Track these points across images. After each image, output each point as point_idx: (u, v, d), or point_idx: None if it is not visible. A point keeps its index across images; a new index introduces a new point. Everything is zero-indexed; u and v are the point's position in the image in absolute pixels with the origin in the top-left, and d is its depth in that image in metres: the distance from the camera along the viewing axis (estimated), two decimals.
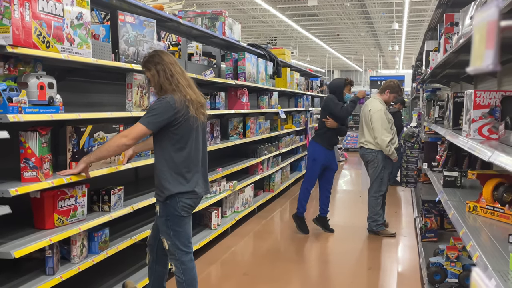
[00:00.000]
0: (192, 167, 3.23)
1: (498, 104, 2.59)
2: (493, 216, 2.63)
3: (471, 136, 2.68)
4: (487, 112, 2.63)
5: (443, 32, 4.05)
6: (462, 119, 3.37)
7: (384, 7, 20.41)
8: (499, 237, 2.28)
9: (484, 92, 2.65)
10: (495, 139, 2.59)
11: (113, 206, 3.58)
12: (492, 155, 1.88)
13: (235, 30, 6.16)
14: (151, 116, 3.06)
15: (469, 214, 2.77)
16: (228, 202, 6.07)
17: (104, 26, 4.26)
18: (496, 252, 2.05)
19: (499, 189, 2.64)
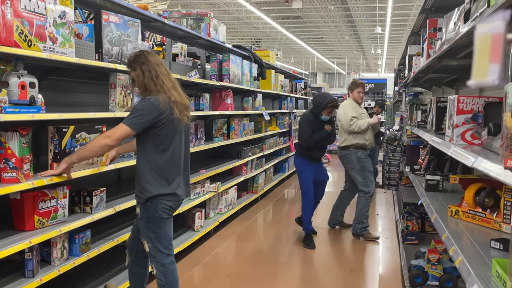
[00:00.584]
0: (174, 169, 3.20)
1: (481, 110, 2.60)
2: (475, 221, 2.65)
3: (454, 141, 2.69)
4: (470, 117, 2.64)
5: (426, 37, 4.07)
6: (445, 124, 3.39)
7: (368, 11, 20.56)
8: (480, 242, 2.29)
9: (467, 97, 2.66)
10: (477, 145, 2.61)
11: (95, 208, 3.53)
12: (476, 161, 1.88)
13: (220, 31, 6.13)
14: (135, 116, 3.02)
15: (451, 218, 2.78)
16: (212, 204, 6.03)
17: (88, 25, 4.20)
18: (479, 257, 2.05)
19: (480, 193, 2.65)
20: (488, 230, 2.52)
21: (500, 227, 2.46)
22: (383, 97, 17.33)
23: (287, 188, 9.80)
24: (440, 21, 3.76)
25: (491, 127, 2.22)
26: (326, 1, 19.03)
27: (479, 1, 2.05)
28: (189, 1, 18.87)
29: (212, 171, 5.77)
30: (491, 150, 2.22)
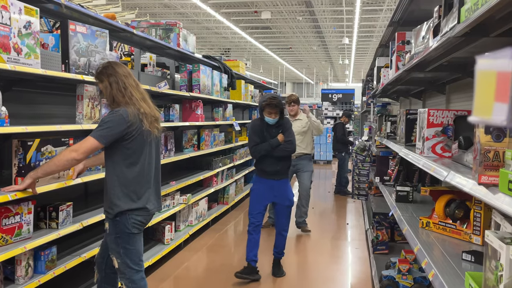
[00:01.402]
0: (144, 183, 3.13)
1: (451, 123, 2.64)
2: (446, 232, 2.68)
3: (425, 154, 2.72)
4: (440, 130, 2.68)
5: (395, 49, 4.13)
6: (414, 135, 3.44)
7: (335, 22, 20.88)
8: (452, 254, 2.31)
9: (437, 111, 2.70)
10: (448, 157, 2.64)
11: (61, 223, 3.43)
12: (448, 175, 1.90)
13: (190, 41, 6.09)
14: (103, 129, 2.94)
15: (422, 230, 2.80)
16: (182, 216, 5.95)
17: (54, 35, 4.09)
18: (451, 270, 2.07)
19: (451, 205, 2.68)
20: (459, 241, 2.55)
21: (470, 238, 2.49)
22: (351, 107, 17.57)
23: None
24: (408, 34, 3.81)
25: (461, 140, 2.25)
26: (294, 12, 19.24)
27: (449, 16, 2.08)
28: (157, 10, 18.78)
29: (182, 183, 5.70)
30: (462, 163, 2.25)
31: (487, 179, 1.46)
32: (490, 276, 1.43)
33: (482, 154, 1.47)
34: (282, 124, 4.84)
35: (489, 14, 1.51)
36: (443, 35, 2.15)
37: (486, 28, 1.85)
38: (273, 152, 4.74)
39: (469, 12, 1.70)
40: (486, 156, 1.46)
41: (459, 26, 1.83)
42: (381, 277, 3.95)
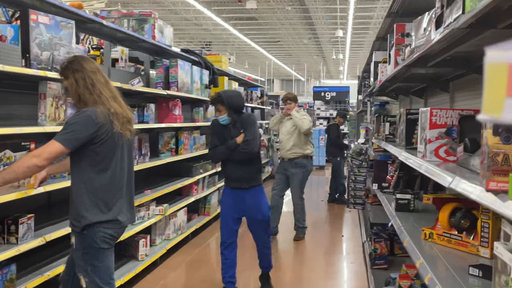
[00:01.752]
0: (116, 191, 3.11)
1: (456, 124, 2.66)
2: (450, 244, 2.69)
3: (427, 158, 2.74)
4: (443, 132, 2.70)
5: (393, 43, 4.16)
6: (416, 138, 3.46)
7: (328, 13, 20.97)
8: (458, 268, 2.32)
9: (440, 110, 2.72)
10: (452, 161, 2.66)
11: (21, 238, 3.40)
12: (453, 181, 1.91)
13: (166, 33, 6.07)
14: (69, 132, 2.91)
15: (425, 242, 2.82)
16: (158, 229, 5.91)
17: (13, 26, 4.05)
18: (457, 285, 2.08)
19: (456, 214, 2.69)
20: (465, 254, 2.56)
21: (478, 251, 2.50)
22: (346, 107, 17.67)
23: None
24: (408, 26, 3.85)
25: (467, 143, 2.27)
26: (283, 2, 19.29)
27: (452, 6, 2.10)
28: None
29: (158, 192, 5.68)
30: (468, 168, 2.26)
31: (496, 185, 1.47)
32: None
33: (490, 158, 1.48)
34: (242, 123, 4.66)
35: (496, 3, 1.53)
36: (446, 26, 2.17)
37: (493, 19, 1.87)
38: (232, 156, 4.60)
39: (475, 2, 1.72)
40: (495, 160, 1.47)
41: (463, 17, 1.84)
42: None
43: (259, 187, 4.78)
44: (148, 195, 5.41)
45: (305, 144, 7.04)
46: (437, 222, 2.84)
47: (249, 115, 4.94)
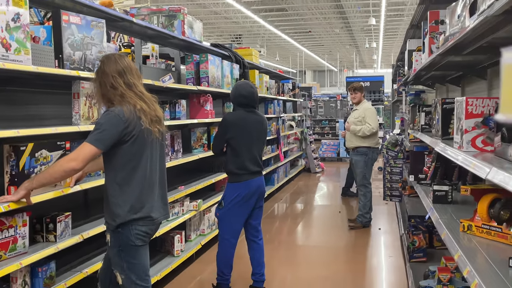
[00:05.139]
0: (148, 188, 3.17)
1: (493, 113, 2.62)
2: (490, 236, 2.66)
3: (464, 149, 2.71)
4: (480, 121, 2.66)
5: (427, 30, 4.11)
6: (452, 128, 3.42)
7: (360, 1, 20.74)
8: (498, 261, 2.29)
9: (476, 99, 2.68)
10: (490, 151, 2.62)
11: (59, 236, 3.49)
12: (490, 171, 1.89)
13: (196, 28, 6.12)
14: (99, 132, 2.98)
15: (464, 234, 2.79)
16: (193, 225, 5.99)
17: (45, 27, 4.16)
18: (497, 278, 2.06)
19: (495, 205, 2.66)
20: (505, 246, 2.53)
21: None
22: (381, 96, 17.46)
23: (277, 203, 9.79)
24: (442, 13, 3.79)
25: (505, 132, 2.24)
26: None
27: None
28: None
29: (192, 188, 5.74)
30: (506, 158, 2.23)
31: None
32: None
33: None
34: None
35: None
36: (481, 13, 2.14)
37: None
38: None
39: None
40: None
41: (498, 3, 1.82)
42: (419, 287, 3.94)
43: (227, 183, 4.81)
44: (181, 191, 5.48)
45: (368, 137, 7.41)
46: (476, 214, 2.81)
47: (226, 115, 4.92)
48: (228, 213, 4.63)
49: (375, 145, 7.49)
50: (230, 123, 4.62)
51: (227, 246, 4.73)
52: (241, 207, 4.61)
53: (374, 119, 7.48)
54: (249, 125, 4.65)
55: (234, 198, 4.59)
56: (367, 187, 7.48)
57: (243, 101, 4.67)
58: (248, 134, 4.62)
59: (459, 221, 2.93)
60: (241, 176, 4.59)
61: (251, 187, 4.61)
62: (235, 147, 4.60)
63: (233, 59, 7.58)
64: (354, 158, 7.57)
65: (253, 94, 4.69)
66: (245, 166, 4.59)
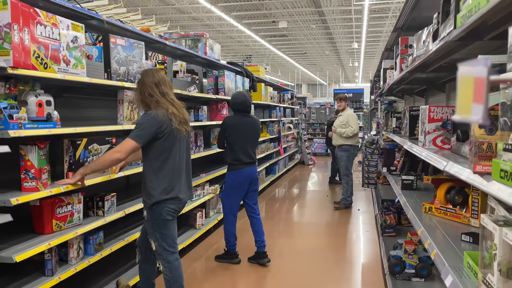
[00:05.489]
0: (176, 175, 3.18)
1: (450, 118, 2.62)
2: (446, 216, 2.65)
3: (426, 146, 2.70)
4: (440, 125, 2.65)
5: (399, 53, 4.09)
6: (417, 130, 3.41)
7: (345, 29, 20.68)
8: (452, 235, 2.29)
9: (437, 107, 2.68)
10: (447, 149, 2.62)
11: (106, 211, 3.50)
12: (447, 165, 1.88)
13: (215, 50, 6.12)
14: (139, 130, 3.00)
15: (425, 214, 2.79)
16: (211, 204, 6.00)
17: (97, 48, 4.16)
18: (451, 249, 2.06)
19: (451, 192, 2.66)
20: (458, 224, 2.53)
21: (469, 221, 2.47)
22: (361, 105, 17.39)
23: (278, 188, 9.79)
24: (411, 38, 3.78)
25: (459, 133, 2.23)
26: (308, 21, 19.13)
27: (446, 22, 2.06)
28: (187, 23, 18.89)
29: (211, 175, 5.74)
30: (460, 154, 2.23)
31: (481, 168, 1.45)
32: (486, 255, 1.42)
33: (476, 146, 1.46)
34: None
35: (482, 20, 1.50)
36: (441, 39, 2.13)
37: (480, 32, 1.83)
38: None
39: (464, 19, 1.69)
40: (480, 147, 1.45)
41: (455, 31, 1.81)
42: (389, 257, 3.93)
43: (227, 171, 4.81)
44: (203, 177, 5.49)
45: (350, 137, 7.38)
46: (435, 198, 2.81)
47: (225, 118, 4.89)
48: (227, 194, 4.74)
49: (355, 144, 7.44)
50: (228, 124, 4.69)
51: (228, 220, 4.80)
52: (236, 190, 4.72)
53: (355, 123, 7.42)
54: (242, 126, 4.69)
55: (231, 183, 4.69)
56: (349, 176, 7.44)
57: (238, 107, 4.74)
58: (241, 133, 4.67)
59: (422, 204, 2.92)
60: (236, 166, 4.66)
61: (244, 175, 4.69)
62: (231, 143, 4.67)
63: (244, 74, 7.57)
64: (339, 154, 7.49)
65: (246, 102, 4.73)
66: (239, 158, 4.65)
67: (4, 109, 2.44)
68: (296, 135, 13.69)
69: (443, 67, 3.00)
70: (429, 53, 2.44)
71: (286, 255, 5.15)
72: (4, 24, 2.42)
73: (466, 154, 2.08)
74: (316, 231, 6.24)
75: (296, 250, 5.32)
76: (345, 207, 7.48)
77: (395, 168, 4.60)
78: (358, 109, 16.84)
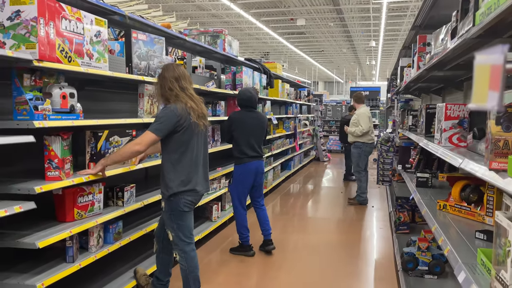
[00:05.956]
0: (194, 168, 3.20)
1: (467, 116, 2.58)
2: (461, 214, 2.62)
3: (442, 144, 2.67)
4: (456, 123, 2.62)
5: (416, 51, 4.04)
6: (434, 128, 3.37)
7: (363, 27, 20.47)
8: (466, 233, 2.27)
9: (454, 105, 2.64)
10: (463, 147, 2.58)
11: (126, 202, 3.54)
12: (463, 162, 1.86)
13: (234, 46, 6.13)
14: (159, 124, 3.04)
15: (440, 211, 2.76)
16: (227, 197, 6.03)
17: (119, 43, 4.21)
18: (465, 246, 2.03)
19: (466, 190, 2.62)
20: (473, 222, 2.50)
21: (484, 219, 2.43)
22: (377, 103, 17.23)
23: (293, 184, 9.78)
24: (429, 36, 3.73)
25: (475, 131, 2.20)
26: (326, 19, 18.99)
27: (465, 20, 2.03)
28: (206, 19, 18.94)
29: (227, 169, 5.77)
30: (476, 152, 2.20)
31: (497, 165, 1.43)
32: (500, 252, 1.41)
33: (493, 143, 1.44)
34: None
35: (501, 17, 1.48)
36: (460, 37, 2.10)
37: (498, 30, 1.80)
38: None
39: (483, 16, 1.66)
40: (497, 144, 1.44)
41: (474, 29, 1.79)
42: (402, 253, 3.91)
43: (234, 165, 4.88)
44: (219, 171, 5.52)
45: (362, 135, 7.30)
46: (450, 196, 2.77)
47: (231, 113, 4.94)
48: (235, 187, 4.82)
49: (368, 141, 7.32)
50: (233, 119, 4.76)
51: (238, 213, 4.85)
52: (243, 183, 4.78)
53: (365, 122, 7.27)
54: (248, 121, 4.74)
55: (238, 176, 4.77)
56: (361, 173, 7.37)
57: (244, 103, 4.79)
58: (247, 127, 4.72)
59: (436, 201, 2.89)
60: (242, 159, 4.73)
61: (250, 168, 4.74)
62: (236, 137, 4.73)
63: (261, 71, 7.57)
64: (352, 150, 7.49)
65: (251, 98, 4.77)
66: (244, 151, 4.70)
67: (29, 101, 2.50)
68: (312, 131, 13.64)
69: (461, 65, 2.96)
70: (447, 51, 2.41)
71: (300, 250, 5.15)
72: (30, 18, 2.47)
73: (482, 152, 2.05)
74: (330, 227, 6.22)
75: (310, 245, 5.32)
76: (359, 203, 7.43)
77: (410, 165, 4.55)
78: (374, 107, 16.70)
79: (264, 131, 4.91)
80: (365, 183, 7.45)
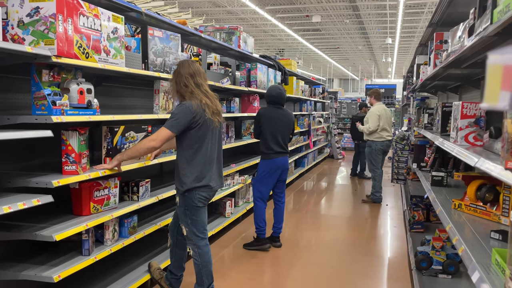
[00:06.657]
0: (208, 164, 3.22)
1: (483, 115, 2.55)
2: (476, 213, 2.60)
3: (458, 143, 2.64)
4: (473, 121, 2.59)
5: (433, 48, 3.99)
6: (449, 126, 3.33)
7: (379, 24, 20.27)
8: (481, 233, 2.24)
9: (470, 103, 2.61)
10: (479, 146, 2.55)
11: (141, 196, 3.58)
12: (478, 161, 1.84)
13: (249, 43, 6.14)
14: (174, 120, 3.06)
15: (455, 211, 2.73)
16: (241, 194, 6.05)
17: (136, 39, 4.25)
18: (479, 246, 2.01)
19: (481, 189, 2.59)
20: (488, 222, 2.47)
21: (499, 219, 2.40)
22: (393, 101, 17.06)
23: (306, 181, 9.76)
24: (446, 34, 3.68)
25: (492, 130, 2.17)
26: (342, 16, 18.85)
27: (482, 17, 2.01)
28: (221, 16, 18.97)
29: (241, 165, 5.79)
30: (492, 151, 2.17)
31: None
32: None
33: (509, 142, 1.42)
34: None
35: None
36: (477, 34, 2.08)
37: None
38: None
39: (501, 14, 1.64)
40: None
41: (491, 27, 1.76)
42: (416, 252, 3.88)
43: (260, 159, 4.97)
44: (233, 168, 5.54)
45: (371, 133, 7.32)
46: (465, 195, 2.74)
47: (259, 109, 5.00)
48: (259, 181, 4.89)
49: (378, 139, 7.28)
50: (262, 115, 4.85)
51: (258, 205, 4.92)
52: (268, 178, 4.85)
53: (373, 120, 7.26)
54: (275, 117, 4.83)
55: (263, 170, 4.85)
56: (375, 172, 7.36)
57: (272, 99, 4.88)
58: (274, 124, 4.81)
59: (451, 200, 2.86)
60: (269, 155, 4.81)
61: (276, 163, 4.83)
62: (264, 133, 4.81)
63: (276, 68, 7.56)
64: (365, 148, 7.62)
65: (280, 95, 4.87)
66: (271, 147, 4.79)
67: (48, 96, 2.54)
68: (326, 129, 13.58)
69: (478, 63, 2.92)
70: (464, 49, 2.38)
71: (313, 247, 5.14)
72: (49, 14, 2.50)
73: (498, 151, 2.03)
74: (343, 224, 6.20)
75: (323, 242, 5.31)
76: (373, 201, 7.39)
77: (425, 164, 4.51)
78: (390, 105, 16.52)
79: (291, 128, 5.00)
80: (380, 182, 7.39)
